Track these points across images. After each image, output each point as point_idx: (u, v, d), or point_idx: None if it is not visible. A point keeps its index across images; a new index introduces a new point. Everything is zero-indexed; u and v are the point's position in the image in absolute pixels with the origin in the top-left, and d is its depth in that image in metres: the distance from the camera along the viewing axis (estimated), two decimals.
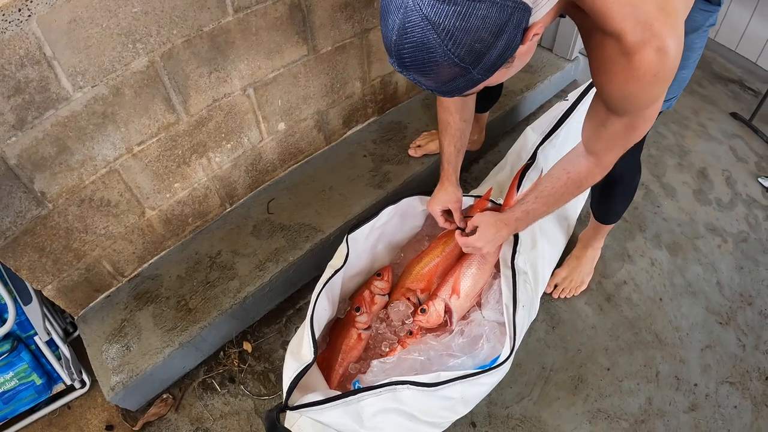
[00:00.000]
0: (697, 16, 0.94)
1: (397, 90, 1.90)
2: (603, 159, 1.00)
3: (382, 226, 1.35)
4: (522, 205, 1.16)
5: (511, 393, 1.39)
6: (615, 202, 1.44)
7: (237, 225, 1.55)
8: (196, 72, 1.24)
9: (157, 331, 1.34)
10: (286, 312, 1.54)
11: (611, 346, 1.50)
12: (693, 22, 0.93)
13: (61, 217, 1.19)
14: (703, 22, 0.98)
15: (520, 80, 2.10)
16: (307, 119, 1.63)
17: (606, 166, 1.02)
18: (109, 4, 1.00)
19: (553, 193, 1.10)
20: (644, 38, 0.69)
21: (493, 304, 1.32)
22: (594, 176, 1.04)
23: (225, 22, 1.22)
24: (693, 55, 1.04)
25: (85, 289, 1.36)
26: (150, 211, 1.37)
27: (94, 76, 1.07)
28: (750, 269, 1.72)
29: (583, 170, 1.04)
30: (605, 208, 1.46)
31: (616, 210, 1.46)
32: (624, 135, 0.91)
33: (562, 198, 1.11)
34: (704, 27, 1.00)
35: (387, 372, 1.20)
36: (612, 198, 1.42)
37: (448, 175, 1.33)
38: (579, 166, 1.05)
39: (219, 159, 1.45)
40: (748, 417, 1.39)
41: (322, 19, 1.42)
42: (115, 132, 1.18)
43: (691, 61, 1.05)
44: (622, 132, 0.90)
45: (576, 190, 1.08)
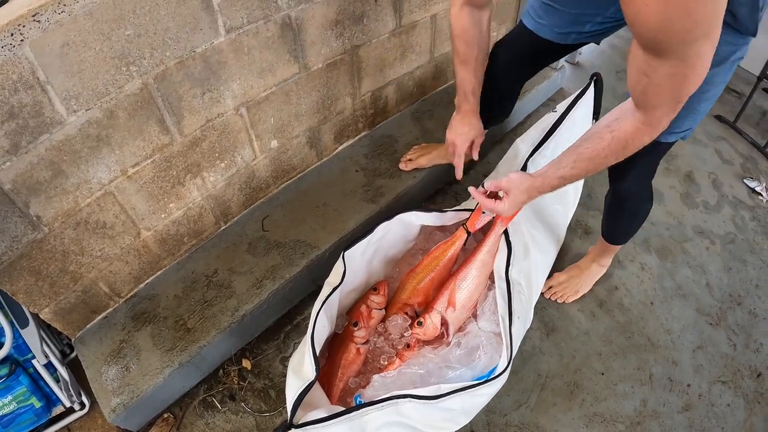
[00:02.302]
0: (723, 49, 0.88)
1: (387, 104, 1.92)
2: (651, 115, 0.87)
3: (378, 241, 1.37)
4: (558, 170, 1.06)
5: (509, 401, 1.41)
6: (621, 223, 1.46)
7: (232, 243, 1.56)
8: (189, 93, 1.25)
9: (156, 352, 1.33)
10: (284, 328, 1.55)
11: (605, 350, 1.52)
12: (716, 55, 0.89)
13: (57, 241, 1.19)
14: (729, 55, 0.94)
15: None
16: (299, 136, 1.64)
17: (655, 125, 0.89)
18: (102, 27, 1.01)
19: (594, 156, 0.99)
20: None
21: (488, 315, 1.34)
22: (642, 136, 0.92)
23: (217, 42, 1.23)
24: (713, 90, 1.00)
25: (82, 311, 1.36)
26: (145, 231, 1.38)
27: (88, 100, 1.07)
28: (738, 269, 1.76)
29: (629, 128, 0.92)
30: (611, 226, 1.48)
31: (622, 231, 1.49)
32: (671, 84, 0.79)
33: (605, 161, 0.99)
34: (730, 60, 0.95)
35: (388, 386, 1.21)
36: (618, 218, 1.44)
37: (473, 106, 1.33)
38: (625, 123, 0.92)
39: (213, 178, 1.45)
40: (741, 414, 1.42)
41: (312, 37, 1.44)
42: (109, 155, 1.18)
43: (710, 94, 1.01)
44: (668, 81, 0.78)
45: (621, 151, 0.96)
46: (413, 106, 2.04)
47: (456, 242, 1.41)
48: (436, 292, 1.39)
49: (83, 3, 0.95)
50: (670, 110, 0.85)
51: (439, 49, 1.96)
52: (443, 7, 1.83)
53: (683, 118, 1.06)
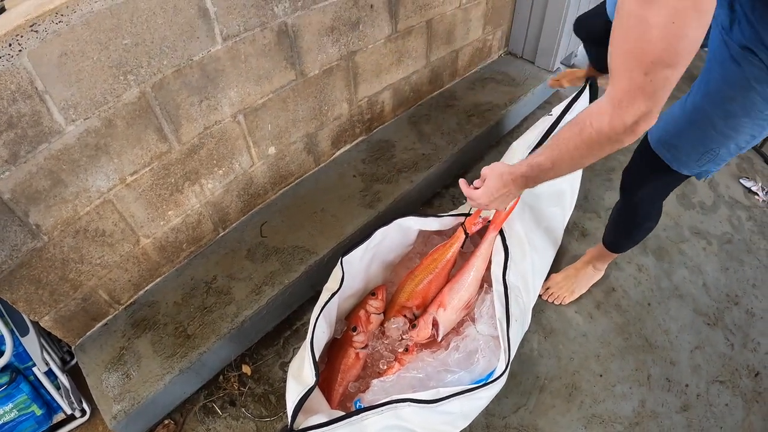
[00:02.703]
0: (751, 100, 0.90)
1: (383, 109, 1.93)
2: (612, 91, 0.77)
3: (375, 246, 1.38)
4: (534, 157, 0.99)
5: (508, 403, 1.41)
6: (624, 235, 1.46)
7: (231, 249, 1.56)
8: (187, 101, 1.26)
9: (157, 358, 1.34)
10: (284, 333, 1.56)
11: (603, 352, 1.53)
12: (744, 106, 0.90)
13: (57, 249, 1.20)
14: (764, 109, 0.92)
15: (503, 94, 2.14)
16: (296, 142, 1.65)
17: (615, 105, 0.77)
18: (100, 37, 1.01)
19: (562, 143, 0.91)
20: None
21: (486, 319, 1.35)
22: (601, 116, 0.81)
23: (214, 50, 1.24)
24: (737, 137, 0.99)
25: (82, 319, 1.36)
26: (144, 239, 1.38)
27: (86, 109, 1.08)
28: (735, 269, 1.77)
29: (593, 108, 0.83)
30: (614, 236, 1.49)
31: (618, 239, 1.49)
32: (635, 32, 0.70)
33: (575, 151, 0.89)
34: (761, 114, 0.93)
35: (387, 390, 1.22)
36: (622, 230, 1.45)
37: None
38: (593, 106, 0.84)
39: (211, 185, 1.46)
40: (740, 414, 1.42)
41: (309, 43, 1.45)
42: (108, 163, 1.19)
43: (733, 143, 1.00)
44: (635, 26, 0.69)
45: (584, 137, 0.86)
46: (410, 110, 2.06)
47: (454, 244, 1.42)
48: (435, 295, 1.40)
49: (81, 13, 0.96)
50: (635, 81, 0.74)
51: (435, 53, 1.97)
52: (439, 12, 1.84)
53: (702, 155, 1.05)
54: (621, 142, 0.82)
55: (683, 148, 1.08)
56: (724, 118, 0.97)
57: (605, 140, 0.83)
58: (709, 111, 1.00)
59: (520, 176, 1.03)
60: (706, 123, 1.01)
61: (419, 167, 1.80)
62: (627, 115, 0.77)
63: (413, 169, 1.79)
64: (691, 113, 1.04)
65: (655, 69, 0.71)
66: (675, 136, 1.09)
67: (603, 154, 0.87)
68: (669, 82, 0.72)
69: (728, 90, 0.95)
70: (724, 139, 1.00)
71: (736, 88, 0.93)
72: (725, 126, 0.98)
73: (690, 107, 1.05)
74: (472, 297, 1.39)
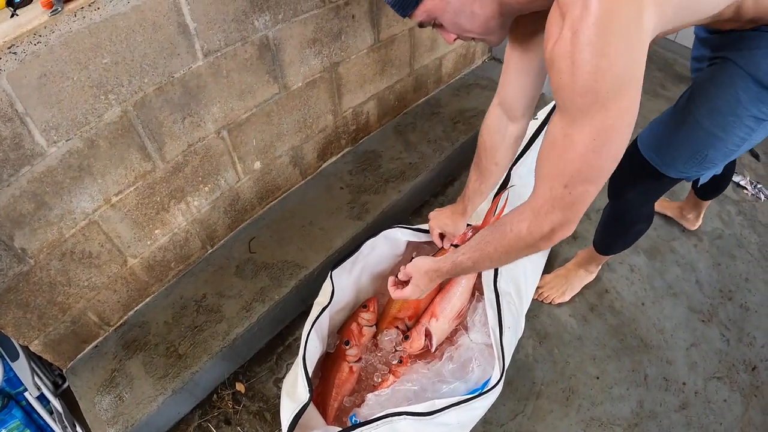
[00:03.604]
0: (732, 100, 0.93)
1: (369, 119, 1.94)
2: (534, 198, 0.81)
3: (364, 258, 1.38)
4: (456, 255, 1.03)
5: (505, 411, 1.41)
6: (610, 235, 1.47)
7: (220, 266, 1.56)
8: (169, 118, 1.25)
9: (149, 379, 1.33)
10: (276, 349, 1.55)
11: (598, 354, 1.53)
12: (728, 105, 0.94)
13: (44, 272, 1.19)
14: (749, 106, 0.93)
15: (488, 99, 2.11)
16: (282, 156, 1.65)
17: (536, 210, 0.81)
18: (79, 56, 1.01)
19: (488, 250, 0.93)
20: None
21: (479, 327, 1.35)
22: (521, 222, 0.84)
23: (195, 66, 1.24)
24: (725, 138, 0.99)
25: (72, 342, 1.35)
26: (132, 259, 1.38)
27: (68, 130, 1.07)
28: (727, 265, 1.78)
29: (515, 212, 0.87)
30: (603, 238, 1.49)
31: (609, 243, 1.49)
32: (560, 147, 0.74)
33: (496, 254, 0.92)
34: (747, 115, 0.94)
35: (382, 404, 1.22)
36: (611, 234, 1.45)
37: (463, 206, 1.32)
38: (518, 214, 0.86)
39: (197, 202, 1.46)
40: (739, 409, 1.43)
41: (291, 56, 1.45)
42: (92, 184, 1.18)
43: (719, 142, 1.00)
44: (559, 141, 0.73)
45: (510, 248, 0.89)
46: (395, 119, 2.06)
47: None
48: (426, 305, 1.40)
49: (59, 33, 0.96)
50: (554, 192, 0.77)
51: (419, 61, 1.98)
52: None
53: (690, 158, 1.06)
54: (537, 248, 0.86)
55: (671, 151, 1.09)
56: (710, 116, 0.99)
57: (523, 245, 0.86)
58: (695, 111, 1.01)
59: (445, 272, 1.07)
60: (694, 123, 1.02)
61: (406, 176, 1.80)
62: (545, 223, 0.80)
63: (401, 179, 1.79)
64: (679, 114, 1.06)
65: (575, 183, 0.74)
66: (663, 139, 1.10)
67: (520, 257, 0.91)
68: (588, 195, 0.76)
69: (712, 87, 0.98)
70: (712, 139, 1.00)
71: (719, 85, 0.96)
72: (712, 124, 0.99)
73: (678, 109, 1.07)
74: (464, 306, 1.39)
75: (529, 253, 0.88)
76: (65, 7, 0.98)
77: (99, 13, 1.00)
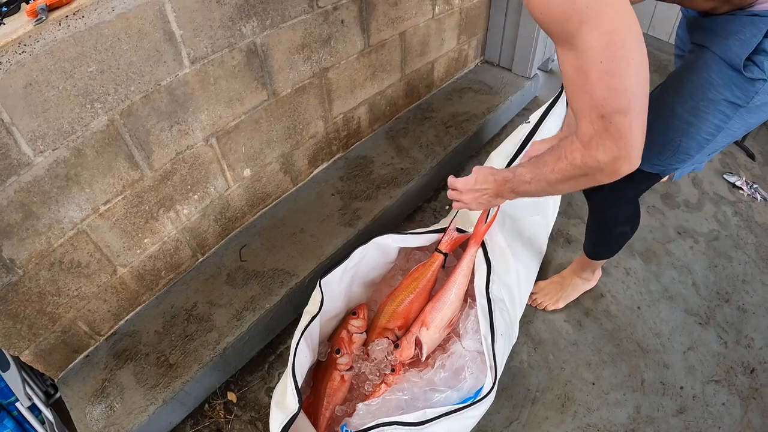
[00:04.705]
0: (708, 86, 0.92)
1: (360, 125, 1.94)
2: (580, 129, 0.81)
3: (355, 266, 1.37)
4: (518, 167, 1.02)
5: (500, 418, 1.40)
6: (590, 235, 1.46)
7: (211, 275, 1.56)
8: (157, 127, 1.26)
9: (140, 389, 1.33)
10: (268, 358, 1.54)
11: (594, 360, 1.52)
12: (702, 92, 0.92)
13: (33, 282, 1.19)
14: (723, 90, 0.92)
15: (481, 103, 2.16)
16: (272, 163, 1.65)
17: (585, 142, 0.81)
18: (64, 65, 1.01)
19: (546, 170, 0.93)
20: None
21: (471, 334, 1.34)
22: (573, 152, 0.85)
23: (182, 74, 1.24)
24: (698, 124, 0.98)
25: (63, 351, 1.35)
26: (121, 268, 1.37)
27: (55, 140, 1.07)
28: (724, 266, 1.78)
29: (567, 141, 0.87)
30: (587, 240, 1.48)
31: (592, 245, 1.48)
32: (580, 83, 0.75)
33: (552, 176, 0.92)
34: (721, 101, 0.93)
35: (373, 414, 1.21)
36: (592, 231, 1.44)
37: None
38: (571, 143, 0.86)
39: (187, 211, 1.46)
40: (738, 412, 1.42)
41: (279, 62, 1.45)
42: (79, 193, 1.18)
43: (692, 130, 0.99)
44: (576, 77, 0.75)
45: (566, 174, 0.89)
46: (387, 125, 2.06)
47: (434, 264, 1.41)
48: (416, 315, 1.39)
49: (44, 42, 0.96)
50: (596, 125, 0.77)
51: (410, 65, 1.98)
52: (411, 24, 1.86)
53: (664, 148, 1.04)
54: (596, 179, 0.85)
55: (656, 146, 1.06)
56: (682, 102, 0.98)
57: (579, 173, 0.86)
58: (668, 98, 1.01)
59: (502, 179, 1.06)
60: (666, 111, 1.01)
61: (398, 182, 1.80)
62: (599, 154, 0.80)
63: (392, 185, 1.79)
64: (652, 103, 1.04)
65: (610, 113, 0.74)
66: None
67: (581, 186, 0.90)
68: (627, 124, 0.75)
69: (686, 73, 0.97)
70: (685, 126, 0.99)
71: (692, 70, 0.95)
72: (684, 110, 0.98)
73: (652, 98, 1.05)
74: (455, 314, 1.38)
75: (592, 183, 0.87)
76: (50, 16, 0.99)
77: (84, 22, 1.01)
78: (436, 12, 1.96)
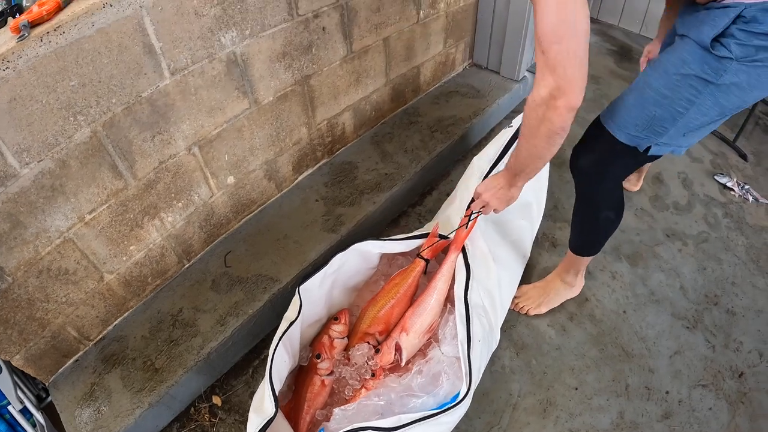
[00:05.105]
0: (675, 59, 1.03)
1: (344, 130, 1.97)
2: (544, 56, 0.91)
3: (335, 272, 1.40)
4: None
5: (480, 423, 1.42)
6: (578, 225, 1.47)
7: (197, 281, 1.60)
8: (139, 137, 1.30)
9: (127, 393, 1.37)
10: (252, 363, 1.58)
11: (577, 365, 1.54)
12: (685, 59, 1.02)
13: (22, 289, 1.24)
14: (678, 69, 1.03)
15: (468, 107, 2.18)
16: (256, 170, 1.69)
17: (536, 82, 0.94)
18: (47, 80, 1.05)
19: (522, 132, 1.06)
20: None
21: (450, 340, 1.36)
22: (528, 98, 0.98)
23: (163, 85, 1.28)
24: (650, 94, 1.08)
25: (53, 356, 1.40)
26: (108, 275, 1.42)
27: (40, 152, 1.12)
28: (713, 269, 1.78)
29: None
30: (572, 229, 1.50)
31: (578, 237, 1.50)
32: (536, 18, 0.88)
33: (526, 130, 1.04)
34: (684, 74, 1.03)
35: (349, 418, 1.24)
36: (577, 218, 1.46)
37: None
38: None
39: (171, 218, 1.50)
40: (725, 417, 1.42)
41: (260, 71, 1.49)
42: (65, 203, 1.23)
43: (666, 102, 1.07)
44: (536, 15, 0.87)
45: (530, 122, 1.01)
46: (372, 130, 2.09)
47: (415, 270, 1.44)
48: (397, 320, 1.42)
49: (27, 58, 1.01)
50: (540, 62, 0.90)
51: (395, 70, 2.01)
52: (396, 29, 1.89)
53: (639, 118, 1.13)
54: (548, 120, 0.96)
55: (623, 113, 1.17)
56: (658, 78, 1.08)
57: (536, 121, 0.98)
58: (647, 76, 1.12)
59: (504, 167, 1.24)
60: (644, 85, 1.11)
61: (382, 187, 1.83)
62: (541, 89, 0.93)
63: (376, 190, 1.83)
64: (634, 83, 1.16)
65: (548, 45, 0.86)
66: (618, 104, 1.19)
67: (545, 136, 1.00)
68: (562, 53, 0.86)
69: (664, 55, 1.09)
70: (659, 98, 1.08)
71: (670, 52, 1.08)
72: (660, 84, 1.08)
73: (635, 80, 1.17)
74: (435, 320, 1.41)
75: (549, 131, 0.98)
76: (32, 32, 1.03)
77: (65, 37, 1.05)
78: (421, 16, 1.98)
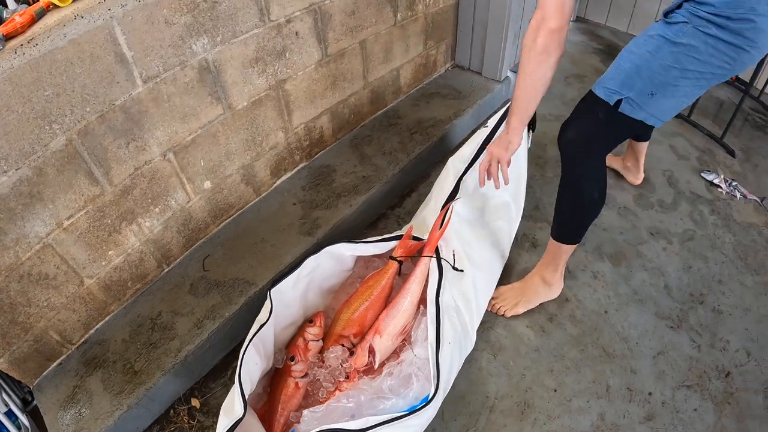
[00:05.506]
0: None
1: (323, 134, 2.00)
2: None
3: (309, 275, 1.43)
4: None
5: (456, 426, 1.42)
6: (560, 211, 1.48)
7: (175, 285, 1.64)
8: (114, 144, 1.34)
9: (107, 396, 1.41)
10: (230, 365, 1.61)
11: (557, 366, 1.53)
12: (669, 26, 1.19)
13: (3, 294, 1.28)
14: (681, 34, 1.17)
15: (448, 108, 2.21)
16: (232, 175, 1.73)
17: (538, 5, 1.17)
18: (22, 90, 1.10)
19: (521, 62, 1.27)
20: None
21: (421, 342, 1.38)
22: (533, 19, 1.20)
23: (136, 93, 1.32)
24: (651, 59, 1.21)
25: (36, 359, 1.44)
26: (88, 279, 1.46)
27: (17, 160, 1.16)
28: (699, 267, 1.77)
29: None
30: (555, 213, 1.50)
31: (561, 219, 1.49)
32: None
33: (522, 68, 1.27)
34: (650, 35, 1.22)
35: (319, 420, 1.26)
36: (561, 198, 1.47)
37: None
38: None
39: (149, 223, 1.55)
40: (711, 418, 1.41)
41: (233, 77, 1.53)
42: (43, 210, 1.27)
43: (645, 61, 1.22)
44: None
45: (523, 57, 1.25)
46: (352, 132, 2.12)
47: (388, 272, 1.47)
48: (372, 322, 1.45)
49: (2, 70, 1.05)
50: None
51: (374, 73, 2.04)
52: (372, 32, 1.92)
53: (617, 73, 1.28)
54: (535, 42, 1.20)
55: (609, 73, 1.31)
56: (632, 43, 1.28)
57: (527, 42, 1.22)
58: (638, 37, 1.28)
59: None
60: (630, 49, 1.27)
61: (359, 190, 1.86)
62: (532, 20, 1.20)
63: (353, 193, 1.86)
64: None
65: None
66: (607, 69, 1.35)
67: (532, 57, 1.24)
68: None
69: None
70: (627, 54, 1.27)
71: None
72: (632, 45, 1.27)
73: None
74: (408, 322, 1.43)
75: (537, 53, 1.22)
76: (6, 45, 1.08)
77: (38, 49, 1.09)
78: (398, 18, 2.01)
